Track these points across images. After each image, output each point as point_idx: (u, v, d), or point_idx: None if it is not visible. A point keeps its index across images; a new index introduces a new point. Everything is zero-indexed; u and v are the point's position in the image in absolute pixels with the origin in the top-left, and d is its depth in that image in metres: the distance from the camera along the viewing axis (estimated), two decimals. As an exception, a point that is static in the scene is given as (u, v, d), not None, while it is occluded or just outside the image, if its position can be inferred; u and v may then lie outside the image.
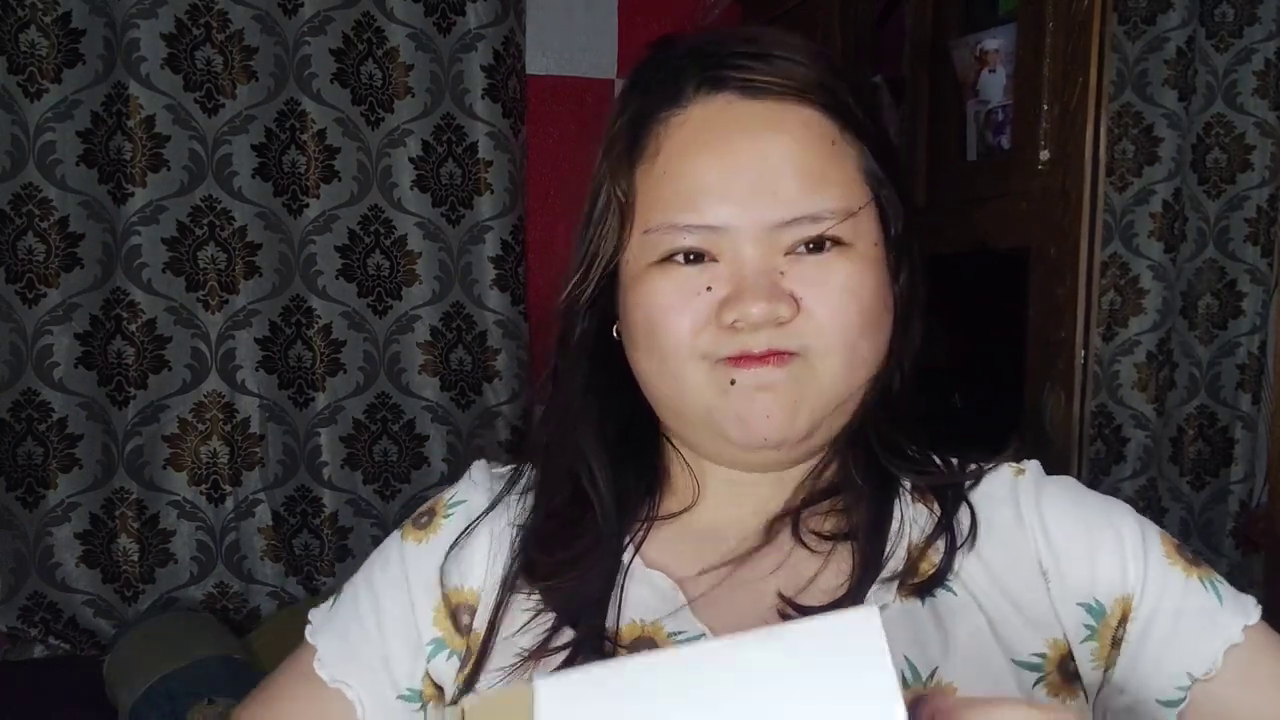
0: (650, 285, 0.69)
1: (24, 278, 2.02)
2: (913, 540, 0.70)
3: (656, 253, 0.69)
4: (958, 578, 0.69)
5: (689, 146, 0.68)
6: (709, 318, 0.67)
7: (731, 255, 0.67)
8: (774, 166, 0.67)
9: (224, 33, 2.10)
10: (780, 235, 0.67)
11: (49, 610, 2.06)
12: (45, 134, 2.00)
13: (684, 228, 0.67)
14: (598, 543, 0.72)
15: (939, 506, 0.72)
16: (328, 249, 2.20)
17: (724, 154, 0.67)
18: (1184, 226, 2.20)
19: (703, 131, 0.68)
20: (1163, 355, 2.25)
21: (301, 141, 2.17)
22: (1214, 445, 2.26)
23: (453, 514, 0.79)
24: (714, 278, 0.67)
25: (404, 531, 0.81)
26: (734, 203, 0.67)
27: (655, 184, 0.69)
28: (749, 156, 0.67)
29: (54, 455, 2.04)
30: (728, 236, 0.67)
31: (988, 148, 1.58)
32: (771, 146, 0.67)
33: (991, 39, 1.55)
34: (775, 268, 0.67)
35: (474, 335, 2.30)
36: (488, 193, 2.28)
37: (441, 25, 2.24)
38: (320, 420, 2.22)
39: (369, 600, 0.78)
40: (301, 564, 2.22)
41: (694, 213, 0.67)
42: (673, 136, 0.69)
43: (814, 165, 0.67)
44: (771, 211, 0.66)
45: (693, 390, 0.69)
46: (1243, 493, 1.91)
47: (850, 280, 0.68)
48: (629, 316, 0.72)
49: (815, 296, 0.67)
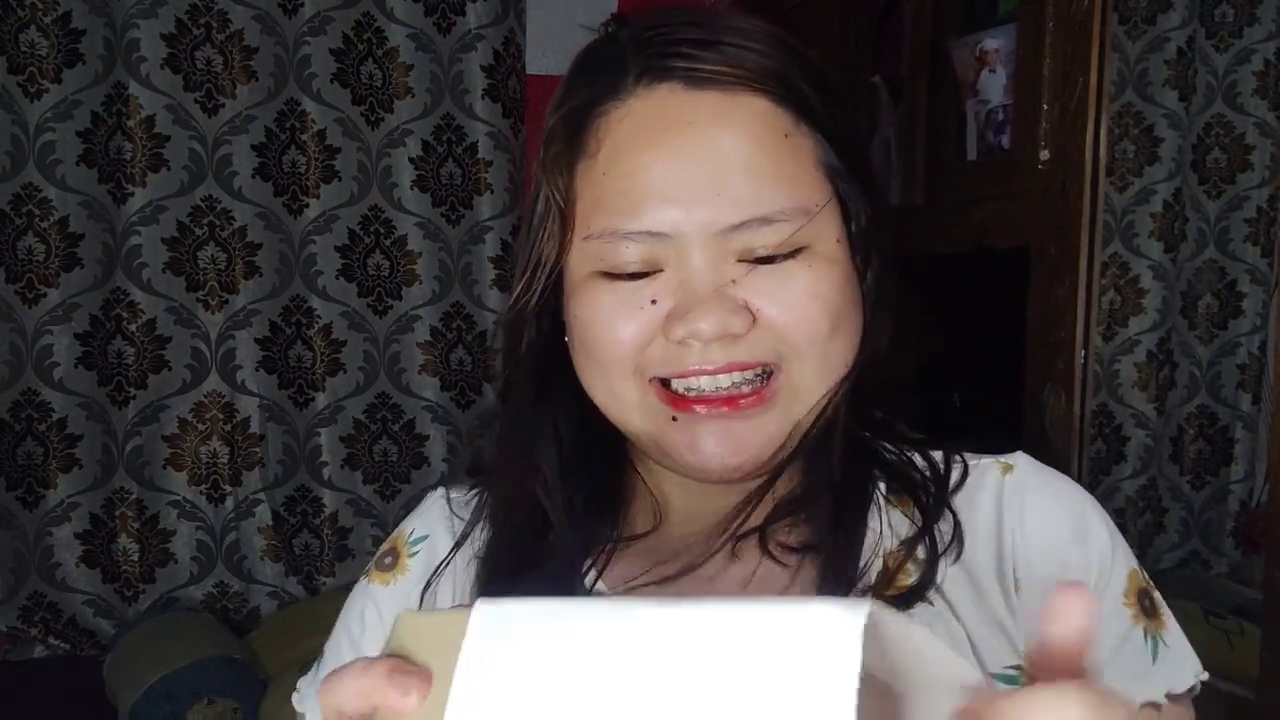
0: (591, 295, 0.64)
1: (24, 278, 2.02)
2: (889, 549, 0.65)
3: (598, 263, 0.63)
4: (937, 588, 0.64)
5: (631, 143, 0.63)
6: (654, 331, 0.62)
7: (678, 264, 0.61)
8: (723, 164, 0.61)
9: (224, 33, 2.10)
10: (730, 240, 0.61)
11: (49, 610, 2.06)
12: (45, 134, 2.00)
13: (625, 235, 0.61)
14: (558, 569, 0.67)
15: (918, 512, 0.66)
16: (328, 249, 2.20)
17: (667, 151, 0.62)
18: (1184, 226, 2.20)
19: (646, 127, 0.63)
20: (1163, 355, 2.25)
21: (301, 141, 2.17)
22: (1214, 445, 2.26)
23: (417, 552, 0.74)
24: (659, 290, 0.62)
25: (370, 577, 0.75)
26: (679, 206, 0.61)
27: (595, 184, 0.64)
28: (695, 154, 0.61)
29: (54, 455, 2.04)
30: (673, 244, 0.61)
31: (988, 148, 1.58)
32: (720, 142, 0.61)
33: (991, 39, 1.55)
34: (725, 277, 0.61)
35: (474, 335, 2.31)
36: (488, 193, 2.28)
37: (441, 25, 2.24)
38: (320, 420, 2.22)
39: (351, 652, 0.73)
40: (301, 564, 2.21)
41: (636, 218, 0.61)
42: (613, 132, 0.63)
43: (766, 162, 0.62)
44: (721, 214, 0.60)
45: (632, 410, 0.64)
46: (1243, 492, 1.91)
47: (814, 284, 0.62)
48: (571, 325, 0.66)
49: (775, 304, 0.61)
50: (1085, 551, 0.64)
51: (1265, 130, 2.16)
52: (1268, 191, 2.21)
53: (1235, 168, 2.20)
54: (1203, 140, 2.14)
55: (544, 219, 0.66)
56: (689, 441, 0.62)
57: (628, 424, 0.65)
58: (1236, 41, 2.07)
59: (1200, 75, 2.07)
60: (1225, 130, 2.15)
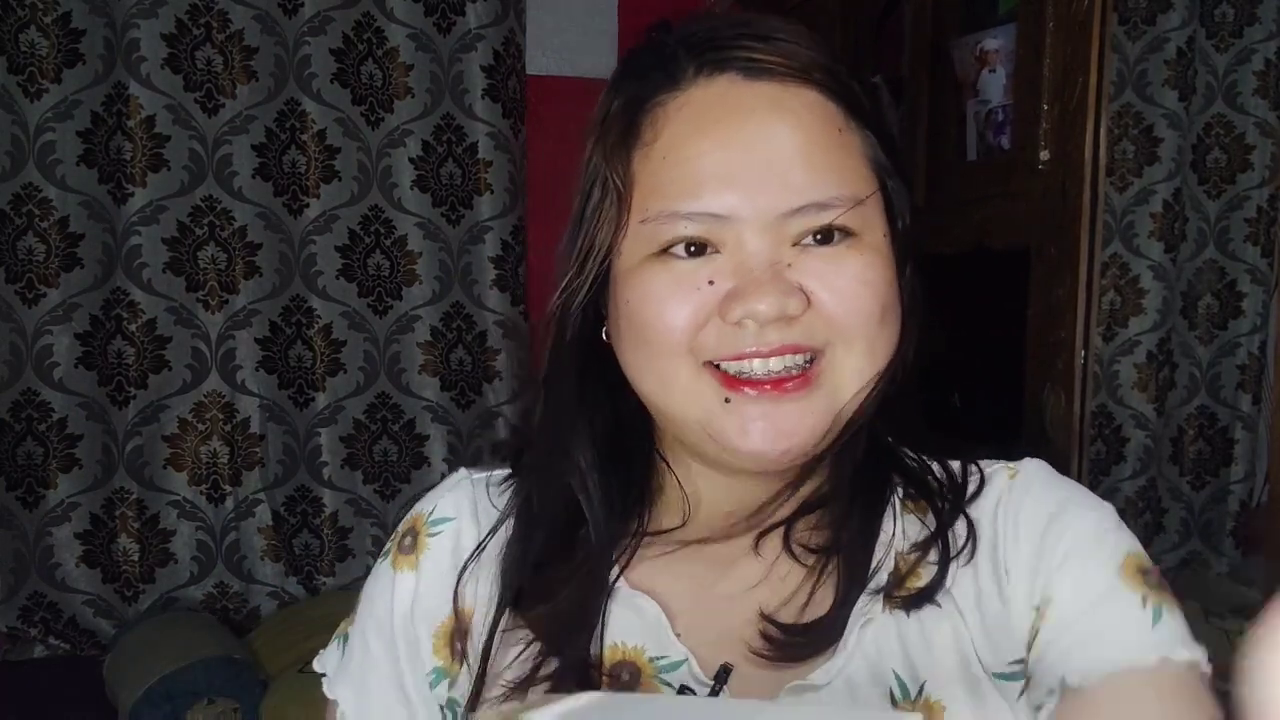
0: (645, 276, 0.64)
1: (24, 278, 2.02)
2: (901, 551, 0.66)
3: (654, 243, 0.64)
4: (947, 591, 0.65)
5: (690, 130, 0.64)
6: (710, 313, 0.63)
7: (735, 247, 0.63)
8: (780, 152, 0.62)
9: (224, 33, 2.10)
10: (787, 224, 0.62)
11: (49, 610, 2.06)
12: (45, 134, 2.00)
13: (685, 215, 0.62)
14: (585, 563, 0.68)
15: (933, 516, 0.67)
16: (328, 249, 2.20)
17: (727, 138, 0.63)
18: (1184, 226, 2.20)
19: (704, 115, 0.64)
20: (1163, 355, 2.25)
21: (302, 141, 2.17)
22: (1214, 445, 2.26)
23: (439, 531, 0.75)
24: (716, 271, 0.63)
25: (393, 560, 0.76)
26: (739, 190, 0.62)
27: (654, 170, 0.64)
28: (754, 141, 0.63)
29: (54, 455, 2.05)
30: (731, 226, 0.62)
31: (988, 148, 1.58)
32: (777, 131, 0.63)
33: (991, 39, 1.55)
34: (782, 260, 0.62)
35: (474, 335, 2.31)
36: (488, 193, 2.28)
37: (441, 25, 2.24)
38: (320, 420, 2.22)
39: (378, 639, 0.74)
40: (301, 564, 2.21)
41: (695, 199, 0.62)
42: (672, 120, 0.65)
43: (821, 151, 0.63)
44: (779, 199, 0.62)
45: (682, 395, 0.64)
46: (1243, 493, 1.91)
47: (864, 271, 0.63)
48: (619, 311, 0.66)
49: (827, 289, 0.62)
50: (1061, 528, 0.64)
51: (1265, 130, 2.16)
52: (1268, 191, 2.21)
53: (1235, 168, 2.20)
54: (1203, 140, 2.14)
55: (599, 206, 0.66)
56: (739, 426, 0.63)
57: (675, 411, 0.65)
58: (1236, 41, 2.07)
59: (1200, 75, 2.07)
60: (1225, 130, 2.15)
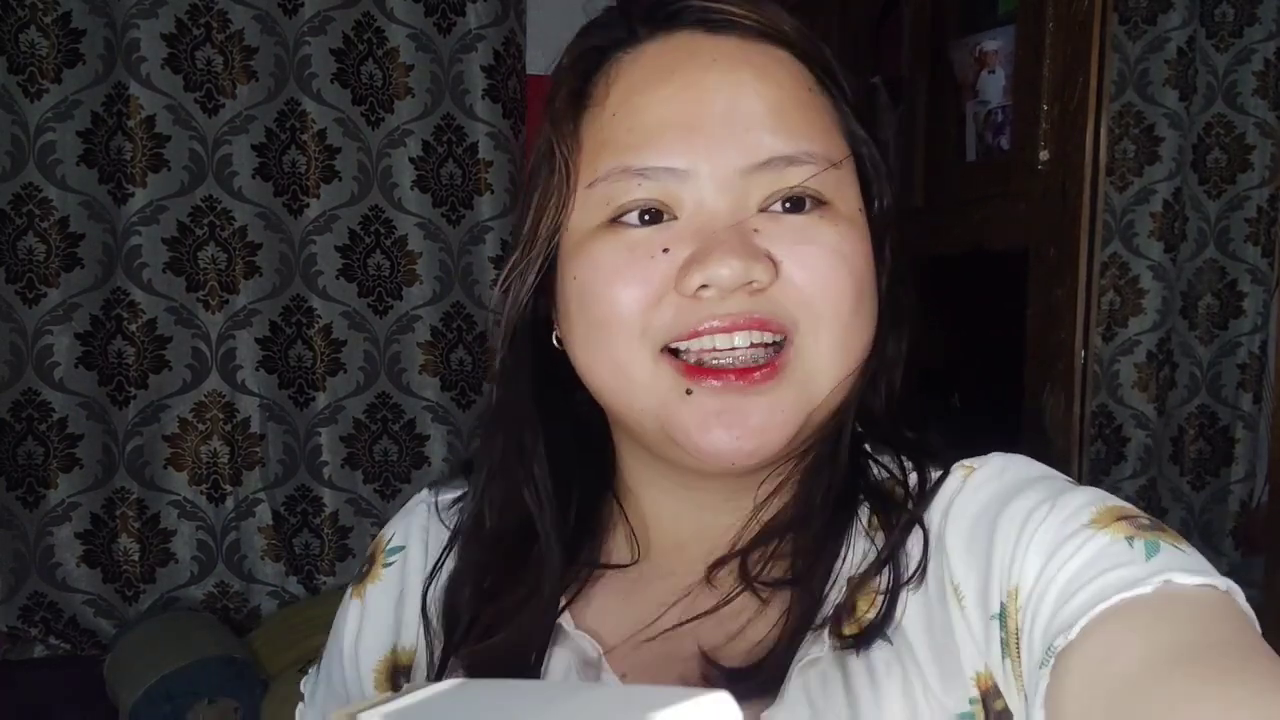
0: (594, 248, 0.56)
1: (24, 278, 2.02)
2: (852, 578, 0.57)
3: (605, 210, 0.56)
4: (897, 624, 0.56)
5: (644, 82, 0.57)
6: (665, 286, 0.55)
7: (694, 209, 0.55)
8: (745, 103, 0.55)
9: (224, 33, 2.10)
10: (752, 182, 0.55)
11: (49, 610, 2.06)
12: (45, 134, 2.00)
13: (637, 171, 0.55)
14: (531, 598, 0.61)
15: (885, 536, 0.58)
16: (328, 249, 2.20)
17: (686, 85, 0.55)
18: (1184, 226, 2.20)
19: (661, 66, 0.57)
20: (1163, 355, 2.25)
21: (302, 141, 2.17)
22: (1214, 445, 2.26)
23: (392, 562, 0.71)
24: (673, 238, 0.55)
25: (353, 587, 0.72)
26: (698, 140, 0.54)
27: (602, 127, 0.57)
28: (716, 91, 0.55)
29: (54, 455, 2.05)
30: (690, 183, 0.55)
31: (987, 148, 1.58)
32: (742, 82, 0.55)
33: (991, 39, 1.55)
34: (748, 224, 0.55)
35: (474, 335, 2.31)
36: (488, 193, 2.29)
37: (442, 25, 2.24)
38: (321, 420, 2.22)
39: (339, 669, 0.70)
40: (302, 563, 2.22)
41: (650, 150, 0.55)
42: (624, 74, 0.58)
43: (791, 107, 0.56)
44: (742, 153, 0.54)
45: (638, 386, 0.56)
46: (1243, 493, 1.91)
47: (839, 243, 0.55)
48: (566, 294, 0.58)
49: (797, 259, 0.55)
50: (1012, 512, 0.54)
51: (1265, 130, 2.16)
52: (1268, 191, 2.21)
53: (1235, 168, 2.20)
54: (1203, 140, 2.14)
55: (545, 176, 0.59)
56: (700, 421, 0.55)
57: (631, 403, 0.57)
58: (1237, 41, 2.07)
59: (1200, 75, 2.07)
60: (1225, 130, 2.15)
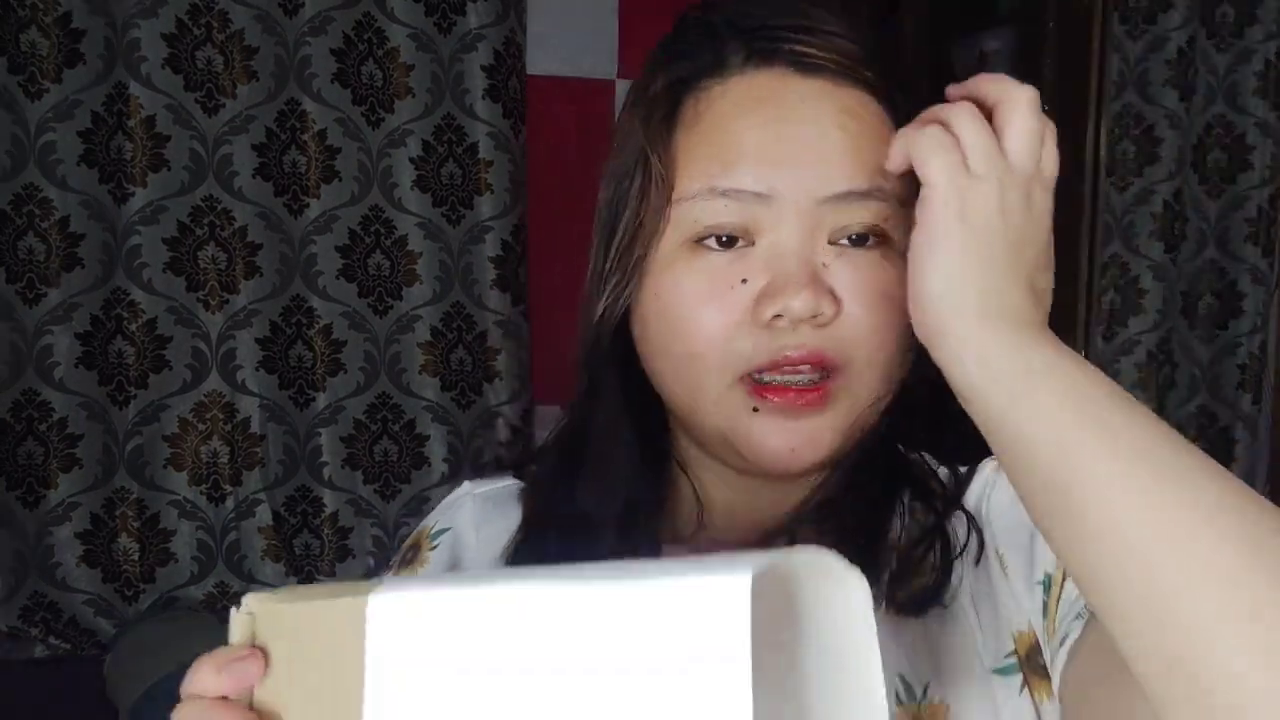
0: (678, 271, 0.62)
1: (24, 278, 2.02)
2: (901, 551, 0.65)
3: (688, 230, 0.61)
4: (952, 591, 0.64)
5: (738, 109, 0.61)
6: (744, 316, 0.61)
7: (770, 237, 0.60)
8: (827, 137, 0.60)
9: (224, 33, 2.10)
10: (827, 213, 0.60)
11: (49, 610, 2.06)
12: (46, 134, 2.00)
13: (722, 192, 0.60)
14: None
15: (933, 516, 0.66)
16: (328, 249, 2.20)
17: (773, 118, 0.60)
18: (1184, 226, 2.20)
19: (751, 100, 0.61)
20: (1163, 355, 2.25)
21: (302, 141, 2.17)
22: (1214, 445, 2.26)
23: (438, 544, 0.73)
24: (749, 268, 0.60)
25: (395, 571, 0.75)
26: (781, 168, 0.60)
27: (693, 148, 0.62)
28: (800, 122, 0.60)
29: (54, 455, 2.04)
30: (771, 208, 0.60)
31: (988, 148, 1.58)
32: (826, 121, 0.61)
33: (991, 39, 1.55)
34: (818, 258, 0.60)
35: (474, 335, 2.30)
36: (488, 193, 2.28)
37: (442, 25, 2.24)
38: (321, 420, 2.22)
39: None
40: (302, 564, 2.21)
41: (734, 172, 0.60)
42: (715, 104, 0.62)
43: (868, 145, 0.61)
44: (821, 181, 0.60)
45: (711, 404, 0.63)
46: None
47: (892, 285, 0.60)
48: (648, 306, 0.64)
49: (857, 299, 0.60)
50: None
51: (1266, 130, 2.16)
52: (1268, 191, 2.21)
53: (1235, 168, 2.20)
54: (1203, 140, 2.14)
55: (642, 188, 0.63)
56: (761, 435, 0.61)
57: (702, 418, 0.64)
58: (1237, 41, 2.07)
59: (1201, 75, 2.07)
60: (1226, 130, 2.15)
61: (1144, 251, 2.10)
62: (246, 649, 0.48)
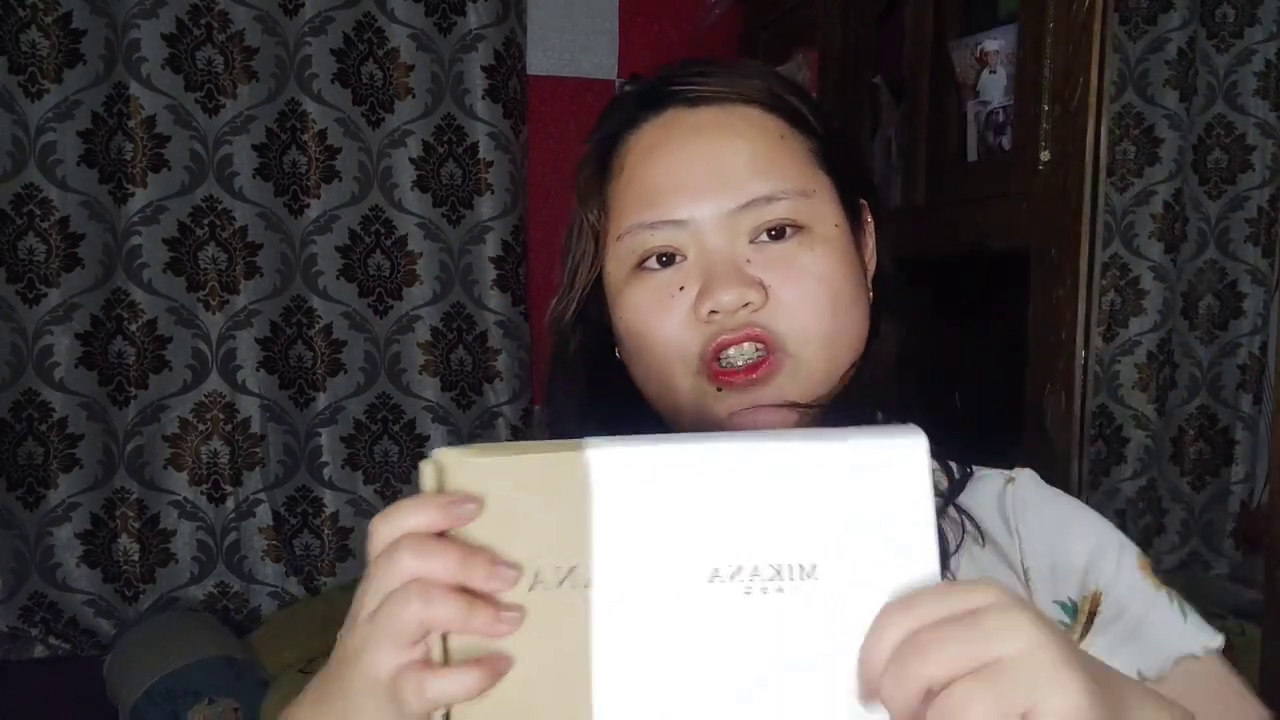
0: (630, 292, 0.73)
1: (24, 278, 2.02)
2: None
3: (631, 258, 0.72)
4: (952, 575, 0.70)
5: (646, 156, 0.73)
6: (687, 316, 0.71)
7: (698, 249, 0.71)
8: (726, 158, 0.71)
9: (225, 33, 2.10)
10: (740, 220, 0.70)
11: (49, 610, 2.06)
12: (46, 134, 2.00)
13: (650, 225, 0.71)
14: None
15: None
16: (328, 249, 2.20)
17: (677, 154, 0.72)
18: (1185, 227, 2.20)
19: (657, 141, 0.73)
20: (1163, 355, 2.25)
21: (302, 142, 2.17)
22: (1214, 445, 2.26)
23: None
24: (685, 276, 0.71)
25: None
26: (692, 195, 0.70)
27: (621, 194, 0.74)
28: (701, 153, 0.71)
29: (54, 455, 2.05)
30: (690, 229, 0.71)
31: (988, 148, 1.58)
32: (722, 142, 0.72)
33: (992, 40, 1.55)
34: (741, 255, 0.70)
35: (474, 335, 2.31)
36: (488, 193, 2.28)
37: (442, 26, 2.24)
38: (321, 420, 2.22)
39: None
40: (302, 564, 2.22)
41: (656, 209, 0.71)
42: (631, 152, 0.74)
43: (763, 155, 0.71)
44: (727, 198, 0.70)
45: (683, 395, 0.72)
46: (1243, 493, 1.91)
47: (816, 265, 0.70)
48: (618, 328, 0.75)
49: (782, 282, 0.70)
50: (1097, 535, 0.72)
51: (1266, 131, 2.16)
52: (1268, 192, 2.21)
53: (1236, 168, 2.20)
54: (1203, 141, 2.14)
55: (579, 236, 0.76)
56: (727, 409, 0.70)
57: (676, 404, 0.73)
58: (1237, 42, 2.07)
59: (1201, 75, 2.07)
60: (1226, 131, 2.15)
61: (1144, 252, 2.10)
62: (464, 494, 0.47)
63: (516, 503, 0.47)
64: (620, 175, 0.75)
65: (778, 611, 0.46)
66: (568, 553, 0.46)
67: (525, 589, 0.46)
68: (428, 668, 0.46)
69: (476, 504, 0.47)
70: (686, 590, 0.46)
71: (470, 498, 0.47)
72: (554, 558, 0.46)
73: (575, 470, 0.46)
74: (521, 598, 0.46)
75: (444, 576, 0.46)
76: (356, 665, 0.49)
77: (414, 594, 0.46)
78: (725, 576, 0.46)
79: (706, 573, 0.46)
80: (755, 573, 0.46)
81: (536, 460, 0.48)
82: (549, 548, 0.46)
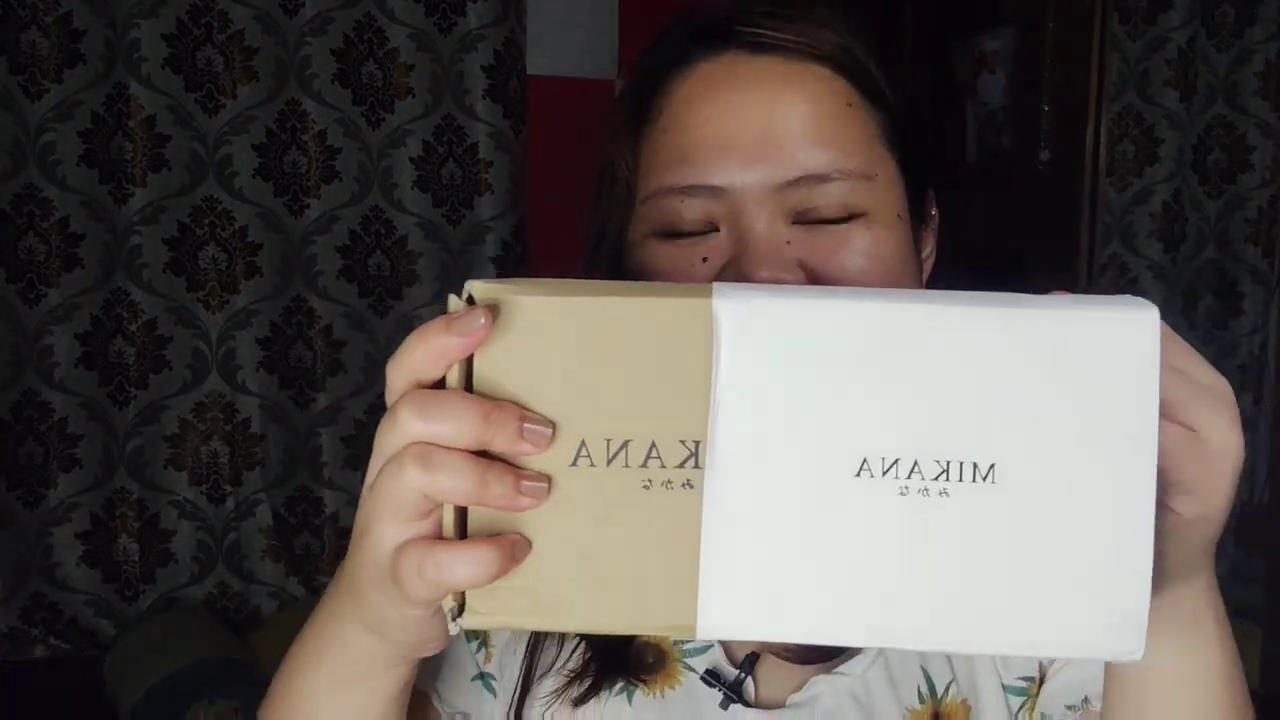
0: (645, 254, 0.62)
1: (24, 278, 2.02)
2: None
3: (654, 224, 0.62)
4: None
5: (691, 101, 0.62)
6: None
7: (733, 222, 0.60)
8: (783, 121, 0.59)
9: (225, 33, 2.10)
10: (786, 197, 0.59)
11: (49, 610, 2.06)
12: (46, 134, 2.00)
13: (682, 189, 0.60)
14: None
15: None
16: (328, 249, 2.20)
17: (727, 107, 0.60)
18: (1184, 226, 2.20)
19: (706, 86, 0.62)
20: (1163, 355, 2.24)
21: (302, 142, 2.17)
22: (1214, 445, 2.25)
23: None
24: (713, 248, 0.60)
25: None
26: (737, 159, 0.59)
27: (655, 142, 0.63)
28: (755, 110, 0.60)
29: (54, 455, 2.05)
30: (729, 199, 0.59)
31: (988, 148, 1.58)
32: (780, 101, 0.60)
33: (991, 41, 1.55)
34: (781, 237, 0.59)
35: (474, 335, 2.31)
36: (488, 193, 2.29)
37: (442, 25, 2.24)
38: (321, 420, 2.22)
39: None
40: (302, 564, 2.21)
41: (692, 169, 0.60)
42: (675, 94, 0.63)
43: (827, 124, 0.60)
44: (776, 169, 0.59)
45: None
46: (1243, 492, 1.91)
47: (872, 246, 0.59)
48: None
49: (830, 266, 0.59)
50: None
51: (1266, 131, 2.16)
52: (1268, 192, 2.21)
53: (1236, 168, 2.20)
54: (1203, 140, 2.14)
55: (609, 188, 0.65)
56: None
57: None
58: (1237, 42, 2.07)
59: (1201, 75, 2.07)
60: (1226, 130, 2.15)
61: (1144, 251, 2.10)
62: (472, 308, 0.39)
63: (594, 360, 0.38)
64: (658, 120, 0.63)
65: (941, 520, 0.38)
66: (673, 424, 0.38)
67: (604, 463, 0.38)
68: (433, 544, 0.39)
69: (487, 316, 0.38)
70: (825, 483, 0.38)
71: (481, 310, 0.38)
72: (651, 427, 0.38)
73: (694, 319, 0.38)
74: (601, 475, 0.38)
75: (453, 438, 0.38)
76: (359, 546, 0.43)
77: (409, 459, 0.38)
78: (876, 471, 0.38)
79: (853, 463, 0.38)
80: (915, 468, 0.38)
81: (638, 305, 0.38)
82: (644, 416, 0.38)
